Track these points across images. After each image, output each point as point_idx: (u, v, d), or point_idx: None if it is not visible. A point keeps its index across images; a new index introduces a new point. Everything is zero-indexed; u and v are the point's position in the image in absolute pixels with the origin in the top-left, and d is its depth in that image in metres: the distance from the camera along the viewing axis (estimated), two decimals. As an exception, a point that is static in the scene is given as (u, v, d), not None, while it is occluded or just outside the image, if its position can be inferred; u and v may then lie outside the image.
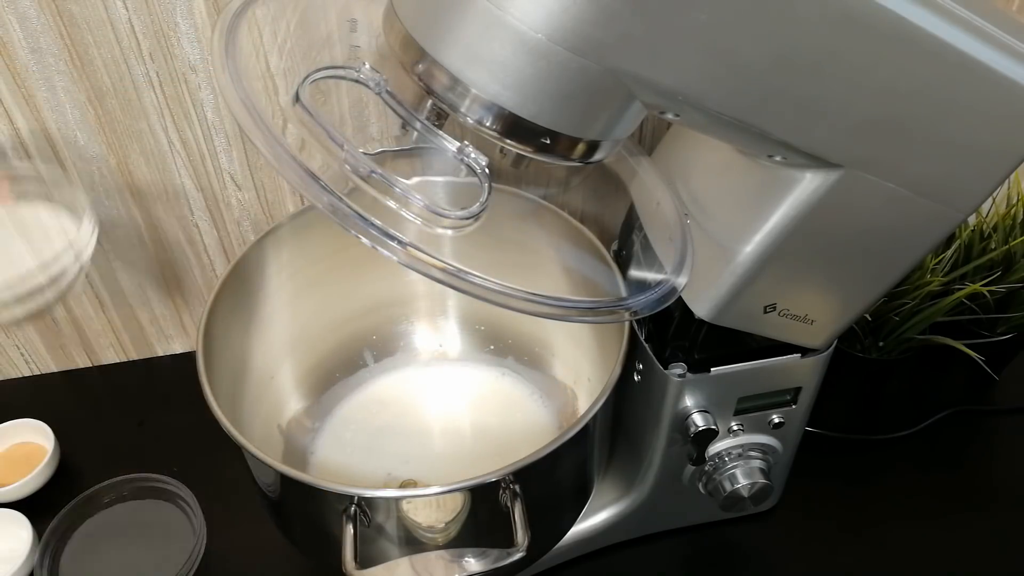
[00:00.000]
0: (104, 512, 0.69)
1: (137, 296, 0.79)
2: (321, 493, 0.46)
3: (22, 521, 0.66)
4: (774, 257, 0.48)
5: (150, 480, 0.71)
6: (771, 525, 0.70)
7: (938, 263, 0.72)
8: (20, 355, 0.81)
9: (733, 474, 0.62)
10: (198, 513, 0.68)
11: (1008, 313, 0.75)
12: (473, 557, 0.52)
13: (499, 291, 0.37)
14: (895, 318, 0.71)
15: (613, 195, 0.61)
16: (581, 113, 0.38)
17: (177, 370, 0.84)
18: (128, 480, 0.71)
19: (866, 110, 0.40)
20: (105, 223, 0.73)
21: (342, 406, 0.73)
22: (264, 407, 0.65)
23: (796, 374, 0.59)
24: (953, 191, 0.45)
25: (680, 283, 0.46)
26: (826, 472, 0.74)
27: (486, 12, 0.34)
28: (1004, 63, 0.39)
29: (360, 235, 0.36)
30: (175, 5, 0.62)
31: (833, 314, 0.54)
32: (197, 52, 0.65)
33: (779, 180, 0.46)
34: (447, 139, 0.43)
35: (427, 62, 0.37)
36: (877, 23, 0.36)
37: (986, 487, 0.74)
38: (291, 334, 0.68)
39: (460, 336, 0.78)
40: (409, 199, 0.41)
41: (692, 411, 0.58)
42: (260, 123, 0.38)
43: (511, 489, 0.47)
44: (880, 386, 0.80)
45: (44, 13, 0.61)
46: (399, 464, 0.68)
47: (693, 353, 0.55)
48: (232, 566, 0.67)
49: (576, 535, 0.66)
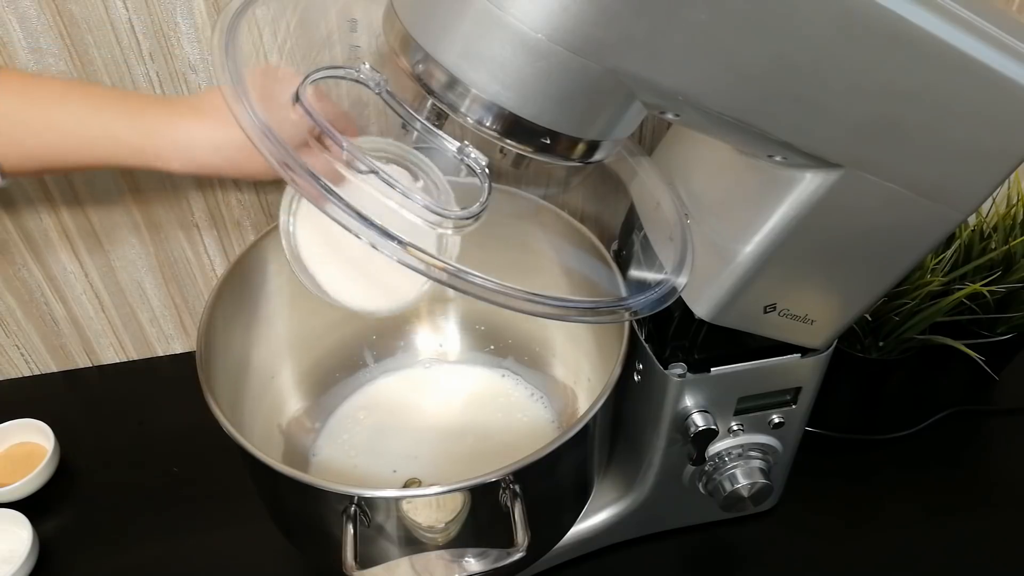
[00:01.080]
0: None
1: (137, 296, 0.79)
2: (321, 493, 0.46)
3: (22, 521, 0.66)
4: (774, 257, 0.48)
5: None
6: (771, 525, 0.70)
7: (938, 263, 0.72)
8: (20, 355, 0.81)
9: (733, 474, 0.62)
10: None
11: (1008, 313, 0.75)
12: (473, 557, 0.52)
13: (499, 291, 0.37)
14: (895, 318, 0.71)
15: (613, 195, 0.61)
16: (581, 113, 0.38)
17: (177, 370, 0.84)
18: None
19: (866, 110, 0.40)
20: (105, 223, 0.73)
21: (342, 406, 0.73)
22: (264, 407, 0.65)
23: (796, 374, 0.59)
24: (953, 191, 0.45)
25: (680, 283, 0.46)
26: (826, 472, 0.74)
27: (486, 12, 0.34)
28: (1004, 63, 0.39)
29: (360, 235, 0.36)
30: (175, 5, 0.62)
31: (833, 314, 0.54)
32: (197, 52, 0.65)
33: (779, 180, 0.46)
34: (447, 139, 0.43)
35: (427, 62, 0.37)
36: (877, 23, 0.36)
37: (986, 487, 0.74)
38: (291, 334, 0.68)
39: (460, 336, 0.78)
40: (409, 199, 0.41)
41: (692, 411, 0.58)
42: (260, 123, 0.38)
43: (511, 489, 0.47)
44: (880, 386, 0.80)
45: (44, 13, 0.61)
46: (399, 464, 0.68)
47: (693, 353, 0.55)
48: (232, 566, 0.67)
49: (576, 535, 0.66)
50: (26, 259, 0.74)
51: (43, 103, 0.46)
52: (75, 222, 0.72)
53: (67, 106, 0.46)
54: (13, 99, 0.46)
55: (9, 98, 0.46)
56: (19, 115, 0.46)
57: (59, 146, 0.47)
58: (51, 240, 0.73)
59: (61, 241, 0.73)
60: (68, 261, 0.75)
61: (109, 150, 0.47)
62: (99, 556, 0.67)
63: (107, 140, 0.46)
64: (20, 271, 0.74)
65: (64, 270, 0.75)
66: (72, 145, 0.47)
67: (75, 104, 0.46)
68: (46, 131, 0.46)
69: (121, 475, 0.73)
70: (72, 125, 0.46)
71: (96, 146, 0.47)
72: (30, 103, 0.46)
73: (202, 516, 0.70)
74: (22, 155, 0.47)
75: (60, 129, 0.46)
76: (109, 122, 0.46)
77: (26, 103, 0.46)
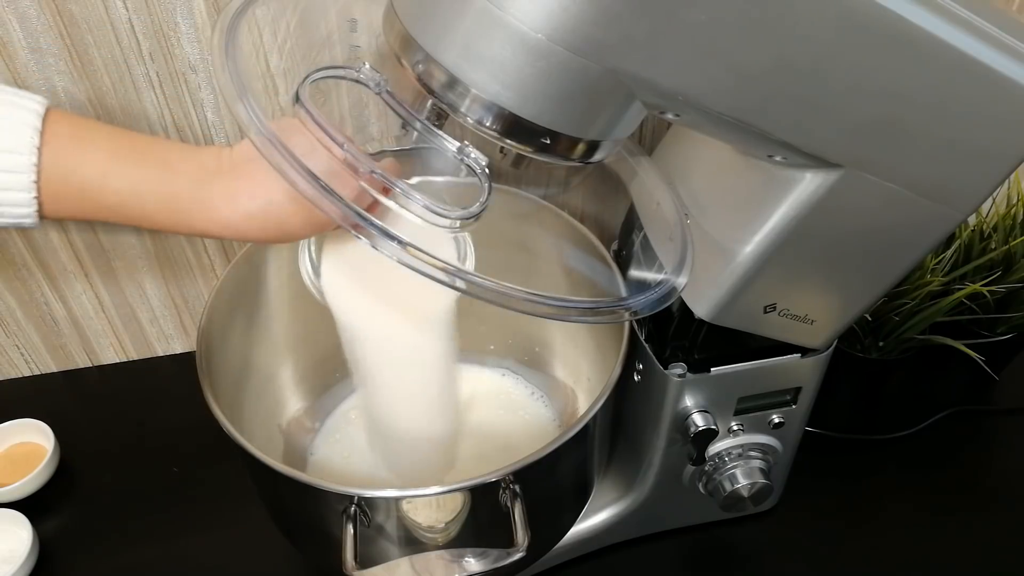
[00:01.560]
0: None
1: (137, 296, 0.79)
2: (321, 493, 0.46)
3: (22, 521, 0.66)
4: (774, 257, 0.48)
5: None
6: (771, 525, 0.70)
7: (938, 263, 0.72)
8: (20, 355, 0.81)
9: (733, 474, 0.62)
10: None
11: (1008, 313, 0.75)
12: (473, 557, 0.52)
13: (499, 291, 0.37)
14: (895, 318, 0.71)
15: (613, 195, 0.61)
16: (581, 113, 0.38)
17: (177, 370, 0.84)
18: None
19: (866, 110, 0.40)
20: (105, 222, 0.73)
21: (342, 406, 0.73)
22: (264, 407, 0.65)
23: (796, 374, 0.59)
24: (953, 191, 0.45)
25: (680, 283, 0.46)
26: (826, 472, 0.74)
27: (486, 12, 0.34)
28: (1004, 63, 0.39)
29: (360, 235, 0.36)
30: (175, 5, 0.62)
31: (833, 314, 0.54)
32: (197, 52, 0.65)
33: (779, 180, 0.46)
34: (447, 139, 0.43)
35: (427, 62, 0.37)
36: (877, 23, 0.36)
37: (986, 487, 0.74)
38: (291, 334, 0.68)
39: (460, 336, 0.77)
40: (409, 199, 0.41)
41: (692, 411, 0.58)
42: (260, 123, 0.38)
43: (511, 489, 0.47)
44: (880, 386, 0.80)
45: (44, 13, 0.61)
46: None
47: (693, 353, 0.55)
48: (232, 566, 0.67)
49: (576, 535, 0.66)
50: (26, 259, 0.74)
51: (95, 169, 0.42)
52: (75, 222, 0.72)
53: (118, 172, 0.43)
54: (60, 159, 0.42)
55: (57, 157, 0.42)
56: (68, 180, 0.42)
57: (106, 206, 0.44)
58: (51, 240, 0.73)
59: (61, 241, 0.73)
60: (68, 261, 0.75)
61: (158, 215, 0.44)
62: (99, 556, 0.67)
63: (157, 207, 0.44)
64: (20, 271, 0.74)
65: (64, 270, 0.75)
66: (116, 205, 0.43)
67: (124, 171, 0.43)
68: (107, 200, 0.43)
69: (121, 475, 0.73)
70: (125, 189, 0.43)
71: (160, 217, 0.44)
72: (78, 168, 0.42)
73: (202, 516, 0.70)
74: (67, 209, 0.43)
75: (112, 190, 0.43)
76: (169, 191, 0.43)
77: (74, 166, 0.42)
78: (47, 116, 0.42)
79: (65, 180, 0.42)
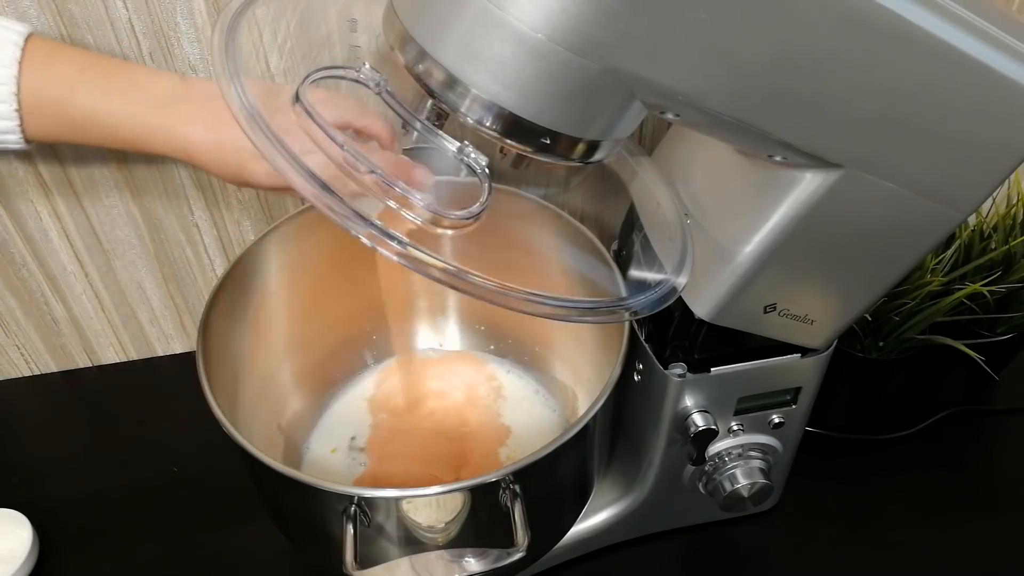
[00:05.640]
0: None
1: (137, 296, 0.79)
2: (321, 493, 0.46)
3: (22, 521, 0.66)
4: (774, 257, 0.48)
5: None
6: (771, 525, 0.70)
7: (938, 263, 0.72)
8: (20, 355, 0.81)
9: (733, 474, 0.62)
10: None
11: (1008, 313, 0.75)
12: (473, 557, 0.52)
13: (499, 291, 0.37)
14: (895, 318, 0.71)
15: (613, 195, 0.61)
16: (581, 113, 0.38)
17: (177, 370, 0.84)
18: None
19: (866, 110, 0.40)
20: (105, 223, 0.73)
21: (341, 405, 0.73)
22: (264, 407, 0.65)
23: (796, 374, 0.59)
24: (953, 191, 0.45)
25: (680, 283, 0.46)
26: (826, 472, 0.74)
27: (486, 12, 0.34)
28: (1004, 63, 0.39)
29: (360, 235, 0.36)
30: (175, 5, 0.62)
31: (833, 314, 0.54)
32: (197, 52, 0.65)
33: (779, 180, 0.46)
34: (447, 139, 0.43)
35: (427, 62, 0.37)
36: (877, 23, 0.36)
37: (986, 487, 0.74)
38: (291, 334, 0.68)
39: (460, 336, 0.78)
40: (409, 199, 0.41)
41: (692, 411, 0.58)
42: (260, 123, 0.38)
43: (511, 489, 0.47)
44: (880, 386, 0.80)
45: (44, 13, 0.61)
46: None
47: (693, 353, 0.55)
48: (232, 566, 0.67)
49: (576, 535, 0.66)
50: (26, 259, 0.74)
51: (66, 82, 0.48)
52: (75, 222, 0.72)
53: (87, 86, 0.48)
54: (37, 73, 0.47)
55: (34, 70, 0.47)
56: (43, 93, 0.47)
57: (78, 122, 0.48)
58: (51, 240, 0.73)
59: (61, 241, 0.73)
60: (68, 261, 0.75)
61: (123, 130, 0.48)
62: (99, 556, 0.67)
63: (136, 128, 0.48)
64: (20, 271, 0.74)
65: (64, 270, 0.75)
66: (84, 118, 0.48)
67: (94, 85, 0.48)
68: (76, 113, 0.48)
69: (121, 475, 0.73)
70: (92, 103, 0.48)
71: (123, 132, 0.48)
72: (53, 81, 0.48)
73: (202, 516, 0.70)
74: (44, 126, 0.49)
75: (80, 104, 0.48)
76: (135, 109, 0.48)
77: (49, 80, 0.48)
78: (29, 38, 0.48)
79: (40, 93, 0.47)
